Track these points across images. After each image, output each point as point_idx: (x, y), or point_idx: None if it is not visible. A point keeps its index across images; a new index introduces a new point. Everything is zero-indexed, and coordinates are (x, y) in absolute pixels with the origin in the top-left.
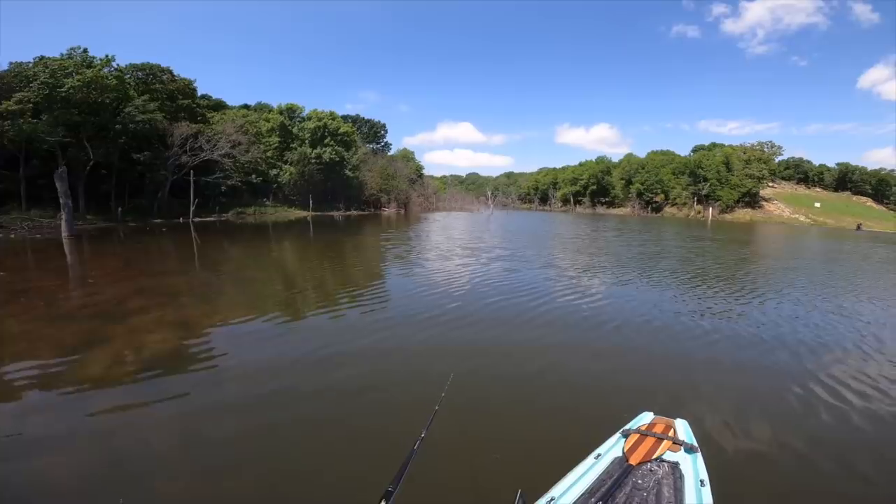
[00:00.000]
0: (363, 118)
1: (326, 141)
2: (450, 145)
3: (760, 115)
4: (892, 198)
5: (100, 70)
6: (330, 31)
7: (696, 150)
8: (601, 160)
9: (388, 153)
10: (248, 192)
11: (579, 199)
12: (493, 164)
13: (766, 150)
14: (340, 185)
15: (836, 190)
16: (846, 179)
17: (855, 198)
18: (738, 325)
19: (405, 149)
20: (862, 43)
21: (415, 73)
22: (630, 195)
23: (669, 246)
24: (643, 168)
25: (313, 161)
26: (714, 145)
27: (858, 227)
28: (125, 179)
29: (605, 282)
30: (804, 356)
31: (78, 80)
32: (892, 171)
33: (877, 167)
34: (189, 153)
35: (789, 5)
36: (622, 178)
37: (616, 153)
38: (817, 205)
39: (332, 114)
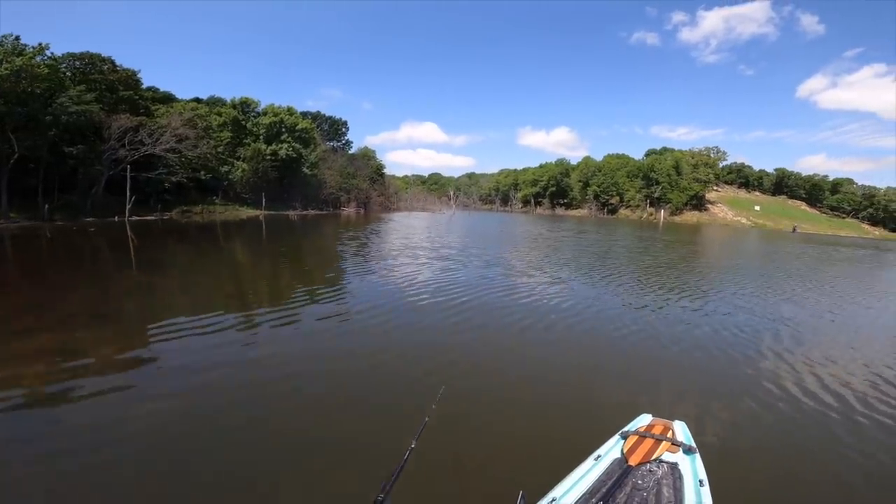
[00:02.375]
0: (324, 115)
1: (283, 137)
2: (413, 145)
3: (707, 122)
4: (824, 202)
5: (31, 58)
6: (295, 28)
7: (648, 154)
8: (560, 162)
9: (349, 151)
10: (195, 189)
11: (539, 200)
12: (455, 164)
13: (712, 155)
14: (298, 184)
15: (773, 194)
16: (783, 184)
17: (790, 201)
18: (714, 322)
19: (366, 147)
20: (805, 53)
21: (381, 72)
22: (587, 197)
23: (655, 250)
24: (600, 171)
25: (268, 158)
26: (665, 150)
27: (794, 230)
28: (55, 174)
29: (568, 281)
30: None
31: (6, 69)
32: (825, 176)
33: (810, 173)
34: (128, 147)
35: (743, 15)
36: (580, 181)
37: (575, 156)
38: (757, 208)
39: (289, 109)
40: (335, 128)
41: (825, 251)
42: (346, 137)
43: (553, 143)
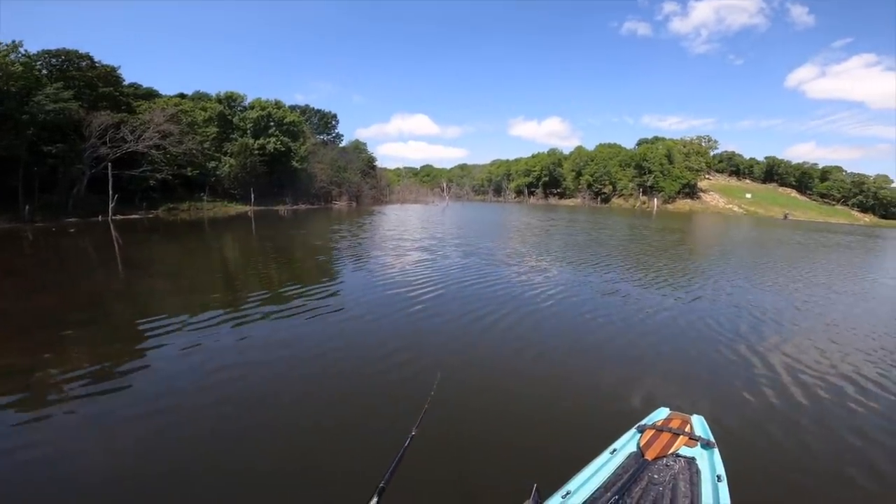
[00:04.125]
0: (313, 108)
1: (271, 131)
2: (404, 137)
3: (698, 111)
4: (814, 189)
5: (5, 56)
6: (283, 19)
7: (640, 143)
8: (553, 152)
9: (340, 145)
10: (182, 186)
11: (532, 190)
12: (447, 156)
13: (703, 144)
14: (287, 178)
15: (764, 182)
16: (773, 172)
17: (781, 189)
18: (730, 315)
19: (357, 140)
20: (794, 43)
21: (371, 64)
22: (580, 186)
23: (651, 240)
24: (592, 160)
25: (256, 152)
26: (657, 139)
27: (785, 217)
28: (35, 174)
29: (569, 273)
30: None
31: None
32: (815, 164)
33: (800, 161)
34: (109, 145)
35: (733, 6)
36: (573, 170)
37: (567, 146)
38: (748, 195)
39: (277, 103)
40: (325, 121)
41: (828, 238)
42: (336, 131)
43: (545, 133)
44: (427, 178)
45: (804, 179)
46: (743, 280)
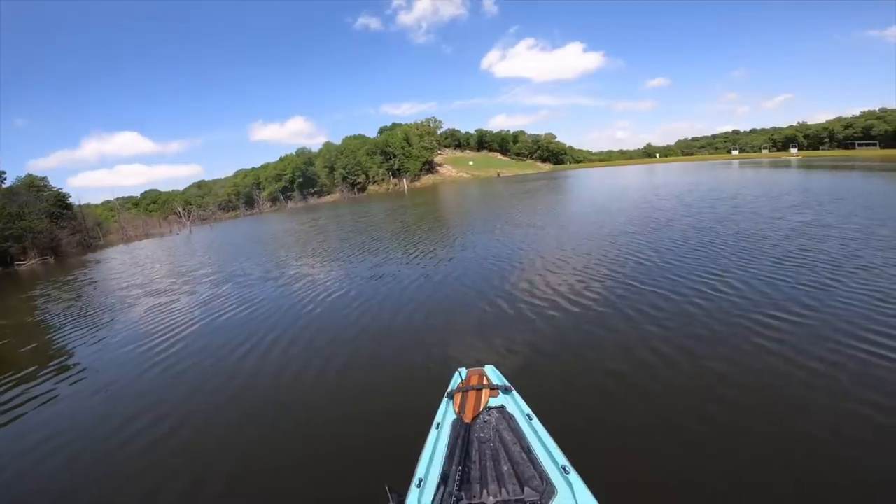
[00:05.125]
0: None
1: None
2: (108, 163)
3: (423, 96)
4: (511, 150)
5: None
6: None
7: (381, 131)
8: (302, 152)
9: (3, 185)
10: None
11: (288, 194)
12: (176, 175)
13: (431, 125)
14: None
15: (478, 150)
16: (483, 141)
17: (491, 154)
18: (474, 265)
19: (31, 175)
20: (485, 31)
21: (38, 76)
22: (336, 181)
23: (407, 217)
24: (342, 153)
25: None
26: (395, 125)
27: (498, 175)
28: None
29: (337, 270)
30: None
31: None
32: (508, 131)
33: (498, 129)
34: None
35: None
36: (325, 166)
37: (315, 143)
38: (471, 163)
39: None
40: None
41: (525, 185)
42: None
43: (289, 133)
44: (154, 206)
45: (504, 144)
46: (480, 236)
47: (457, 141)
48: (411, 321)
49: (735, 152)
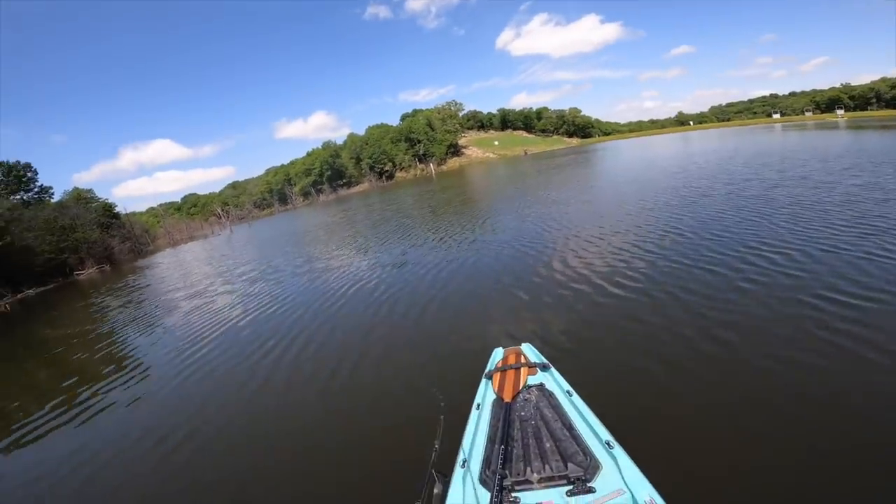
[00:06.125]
0: None
1: None
2: (147, 170)
3: (441, 81)
4: (535, 127)
5: None
6: None
7: (403, 118)
8: (327, 145)
9: (52, 200)
10: None
11: (318, 187)
12: (211, 178)
13: (452, 108)
14: None
15: (502, 129)
16: (506, 120)
17: (515, 132)
18: (511, 246)
19: (77, 189)
20: (496, 10)
21: (64, 91)
22: (363, 171)
23: (436, 200)
24: (367, 143)
25: None
26: (416, 111)
27: (525, 153)
28: None
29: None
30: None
31: None
32: (531, 108)
33: (521, 108)
34: None
35: None
36: (352, 158)
37: (339, 136)
38: (496, 143)
39: None
40: (15, 175)
41: (553, 161)
42: (38, 184)
43: (313, 128)
44: (195, 210)
45: (527, 121)
46: (509, 216)
47: (479, 122)
48: (445, 305)
49: (776, 116)
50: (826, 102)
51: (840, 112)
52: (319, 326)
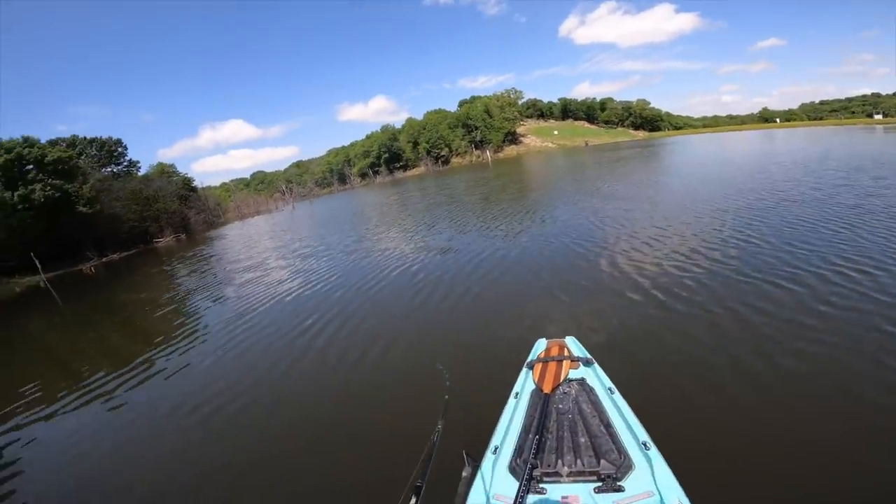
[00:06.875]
0: (84, 138)
1: (31, 176)
2: (222, 148)
3: (500, 68)
4: (598, 118)
5: None
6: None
7: (461, 104)
8: (386, 128)
9: (140, 173)
10: None
11: (376, 169)
12: (278, 157)
13: (511, 95)
14: (80, 228)
15: (563, 119)
16: (567, 110)
17: (576, 122)
18: (564, 238)
19: (161, 164)
20: None
21: (156, 74)
22: (420, 155)
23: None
24: (424, 128)
25: (20, 208)
26: (474, 98)
27: (586, 144)
28: None
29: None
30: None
31: None
32: (595, 98)
33: (584, 97)
34: None
35: None
36: (409, 141)
37: (398, 120)
38: (556, 132)
39: (27, 139)
40: (108, 150)
41: (617, 154)
42: (127, 158)
43: (373, 112)
44: (262, 186)
45: (590, 112)
46: (563, 208)
47: (539, 111)
48: (490, 291)
49: (878, 116)
50: None
51: None
52: (359, 307)
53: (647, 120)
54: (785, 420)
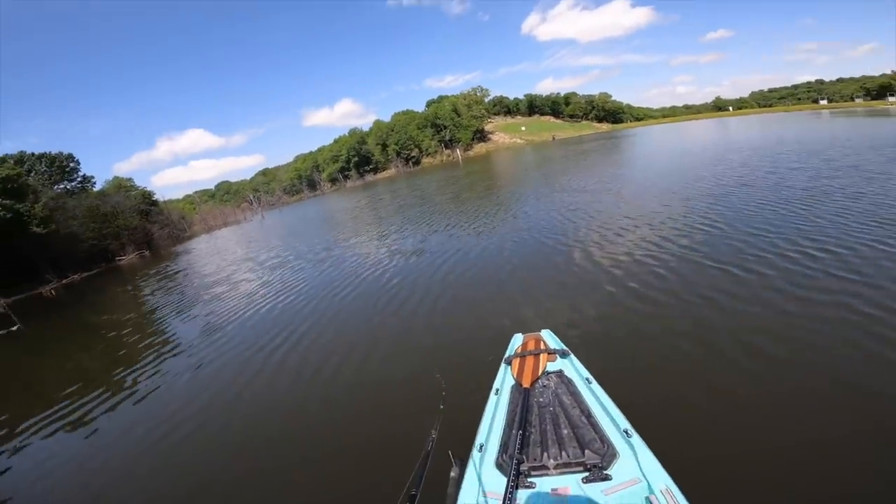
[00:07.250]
0: (32, 154)
1: None
2: (181, 160)
3: (466, 67)
4: (563, 112)
5: None
6: None
7: (429, 104)
8: (354, 132)
9: (94, 189)
10: None
11: (346, 173)
12: (242, 165)
13: (478, 94)
14: (35, 250)
15: (529, 115)
16: (533, 105)
17: (542, 118)
18: (534, 232)
19: (118, 178)
20: None
21: (106, 84)
22: (390, 157)
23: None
24: (393, 130)
25: None
26: (442, 97)
27: (553, 138)
28: None
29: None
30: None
31: None
32: (558, 93)
33: (548, 93)
34: None
35: None
36: (378, 144)
37: (365, 123)
38: (523, 128)
39: None
40: (59, 166)
41: (581, 147)
42: (80, 174)
43: (339, 116)
44: (228, 196)
45: (555, 106)
46: (532, 203)
47: (506, 108)
48: (466, 291)
49: (823, 102)
50: (877, 89)
51: (893, 99)
52: (334, 316)
53: (610, 112)
54: (761, 401)
